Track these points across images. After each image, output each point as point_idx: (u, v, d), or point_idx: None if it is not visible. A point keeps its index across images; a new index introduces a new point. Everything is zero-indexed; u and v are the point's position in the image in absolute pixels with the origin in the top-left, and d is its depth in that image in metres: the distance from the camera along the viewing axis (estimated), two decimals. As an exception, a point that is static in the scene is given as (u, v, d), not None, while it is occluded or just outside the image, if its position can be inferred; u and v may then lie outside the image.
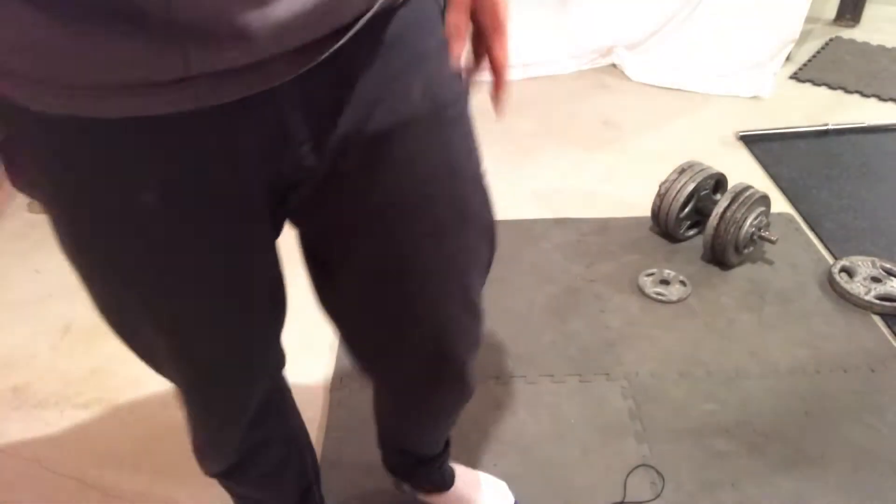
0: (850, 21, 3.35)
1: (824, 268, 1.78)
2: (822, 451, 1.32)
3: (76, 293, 1.88)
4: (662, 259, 1.83)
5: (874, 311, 1.64)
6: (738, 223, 1.70)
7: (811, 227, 1.94)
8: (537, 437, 1.36)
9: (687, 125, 2.49)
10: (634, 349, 1.55)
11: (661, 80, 2.77)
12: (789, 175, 2.17)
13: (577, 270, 1.79)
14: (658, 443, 1.34)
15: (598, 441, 1.34)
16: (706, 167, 1.85)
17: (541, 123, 2.52)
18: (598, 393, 1.44)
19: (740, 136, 2.38)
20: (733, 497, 1.24)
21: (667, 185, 1.84)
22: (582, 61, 2.92)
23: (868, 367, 1.50)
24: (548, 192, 2.12)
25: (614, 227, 1.95)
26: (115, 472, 1.30)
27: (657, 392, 1.44)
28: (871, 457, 1.31)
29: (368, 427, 1.38)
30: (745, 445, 1.33)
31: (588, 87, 2.78)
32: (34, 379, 1.50)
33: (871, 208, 2.01)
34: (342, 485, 1.27)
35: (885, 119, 2.46)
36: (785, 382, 1.47)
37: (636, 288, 1.72)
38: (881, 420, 1.38)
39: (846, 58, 2.99)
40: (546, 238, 1.91)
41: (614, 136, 2.43)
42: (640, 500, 1.24)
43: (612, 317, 1.64)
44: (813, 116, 2.51)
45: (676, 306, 1.67)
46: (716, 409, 1.41)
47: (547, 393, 1.45)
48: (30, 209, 2.09)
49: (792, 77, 2.81)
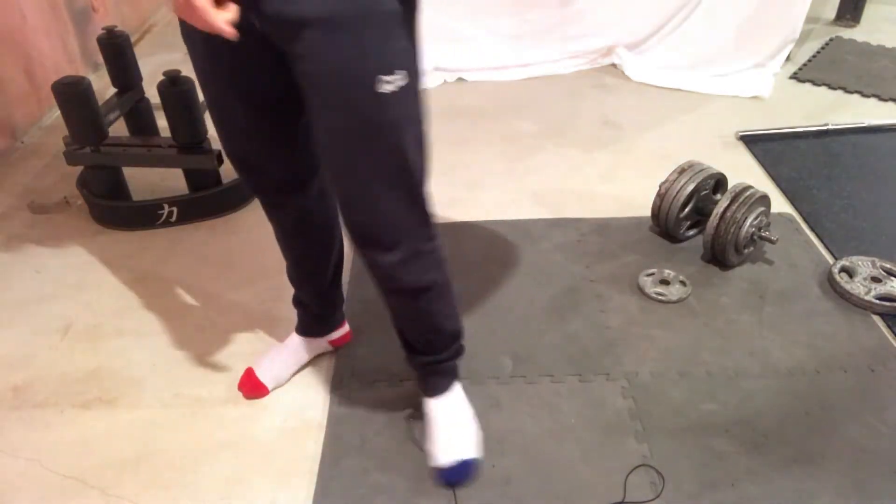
0: (850, 21, 3.35)
1: (824, 268, 1.78)
2: (822, 451, 1.32)
3: (76, 293, 1.89)
4: (662, 259, 1.83)
5: (874, 311, 1.64)
6: (738, 223, 1.70)
7: (811, 227, 1.94)
8: (537, 437, 1.35)
9: (687, 125, 2.49)
10: (634, 349, 1.55)
11: (661, 80, 2.77)
12: (789, 175, 2.17)
13: (577, 270, 1.79)
14: (658, 443, 1.34)
15: (598, 441, 1.34)
16: (706, 167, 1.85)
17: (541, 123, 2.52)
18: (598, 393, 1.44)
19: (740, 136, 2.38)
20: (733, 497, 1.24)
21: (667, 185, 1.84)
22: (582, 61, 2.92)
23: (868, 367, 1.50)
24: (548, 192, 2.12)
25: (614, 227, 1.95)
26: (115, 472, 1.30)
27: (657, 392, 1.44)
28: (871, 457, 1.31)
29: (369, 426, 1.38)
30: (745, 445, 1.33)
31: (588, 87, 2.78)
32: (34, 379, 1.50)
33: (871, 208, 2.01)
34: (344, 483, 1.27)
35: (885, 119, 2.46)
36: (785, 382, 1.47)
37: (636, 288, 1.72)
38: (881, 420, 1.38)
39: (846, 58, 2.99)
40: (546, 238, 1.91)
41: (614, 136, 2.43)
42: (640, 500, 1.24)
43: (612, 317, 1.64)
44: (813, 116, 2.51)
45: (676, 306, 1.67)
46: (716, 409, 1.41)
47: (547, 393, 1.45)
48: (30, 209, 2.09)
49: (792, 77, 2.81)
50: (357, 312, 1.64)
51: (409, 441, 1.35)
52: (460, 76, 2.85)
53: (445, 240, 1.91)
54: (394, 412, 1.40)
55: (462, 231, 1.93)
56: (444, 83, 2.82)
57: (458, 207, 2.05)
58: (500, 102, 2.69)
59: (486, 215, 2.00)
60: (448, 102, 2.67)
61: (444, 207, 2.05)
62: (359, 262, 1.80)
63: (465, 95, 2.74)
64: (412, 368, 1.33)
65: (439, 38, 2.75)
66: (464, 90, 2.79)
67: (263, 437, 1.37)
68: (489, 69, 2.85)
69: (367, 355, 1.52)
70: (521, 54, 2.86)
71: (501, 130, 2.49)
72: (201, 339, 1.60)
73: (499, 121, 2.55)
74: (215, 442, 1.36)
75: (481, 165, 2.27)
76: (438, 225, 1.16)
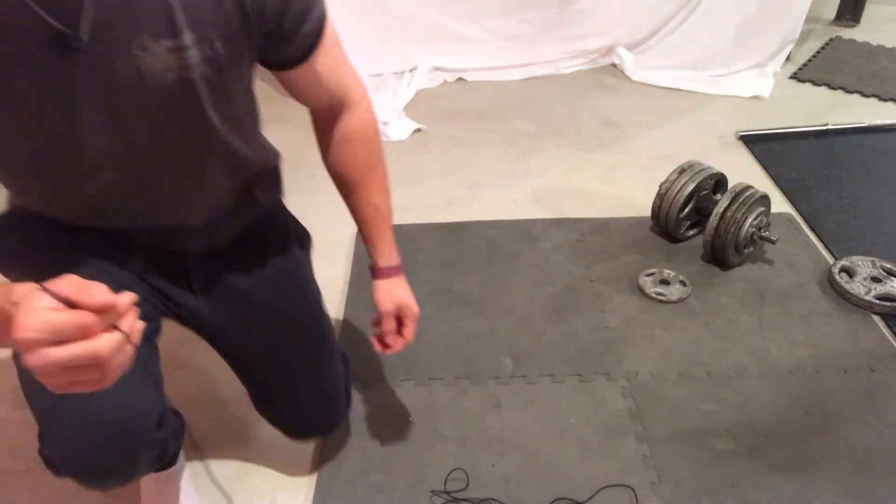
0: (850, 21, 3.35)
1: (824, 268, 1.78)
2: (822, 451, 1.32)
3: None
4: (662, 259, 1.83)
5: (874, 311, 1.64)
6: (738, 223, 1.70)
7: (811, 227, 1.94)
8: (537, 437, 1.36)
9: (687, 125, 2.49)
10: (634, 349, 1.55)
11: (661, 80, 2.77)
12: (789, 175, 2.17)
13: (577, 270, 1.79)
14: (658, 443, 1.34)
15: (598, 441, 1.34)
16: (706, 167, 1.85)
17: (541, 123, 2.52)
18: (598, 393, 1.44)
19: (740, 136, 2.38)
20: (733, 497, 1.24)
21: (667, 185, 1.84)
22: (582, 61, 2.92)
23: (868, 367, 1.50)
24: (548, 192, 2.12)
25: (614, 227, 1.95)
26: (115, 472, 1.30)
27: (657, 392, 1.44)
28: (871, 457, 1.31)
29: (369, 426, 1.38)
30: (745, 445, 1.33)
31: (588, 87, 2.78)
32: (34, 379, 1.50)
33: (871, 208, 2.01)
34: (344, 483, 1.27)
35: (885, 119, 2.45)
36: (785, 382, 1.46)
37: (636, 288, 1.72)
38: (881, 420, 1.38)
39: (846, 58, 2.99)
40: (546, 238, 1.91)
41: (614, 136, 2.43)
42: (640, 499, 1.24)
43: (612, 317, 1.64)
44: (813, 116, 2.51)
45: (676, 306, 1.67)
46: (716, 409, 1.41)
47: (547, 393, 1.45)
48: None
49: (792, 77, 2.81)
50: (357, 313, 1.65)
51: (409, 441, 1.35)
52: (460, 76, 2.85)
53: (446, 239, 1.92)
54: (394, 412, 1.41)
55: (462, 231, 1.93)
56: (444, 83, 2.82)
57: (458, 207, 2.05)
58: (500, 102, 2.69)
59: (486, 215, 2.00)
60: (448, 102, 2.67)
61: (444, 207, 2.05)
62: (360, 263, 1.80)
63: (465, 95, 2.74)
64: None
65: (439, 38, 2.75)
66: (464, 90, 2.79)
67: (263, 437, 1.37)
68: (489, 69, 2.85)
69: (367, 355, 1.52)
70: (521, 54, 2.85)
71: (501, 130, 2.48)
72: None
73: (499, 121, 2.55)
74: (215, 443, 1.36)
75: (481, 165, 2.27)
76: (439, 225, 1.17)
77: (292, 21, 0.87)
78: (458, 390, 1.45)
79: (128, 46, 0.75)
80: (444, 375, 1.49)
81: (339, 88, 1.03)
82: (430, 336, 1.58)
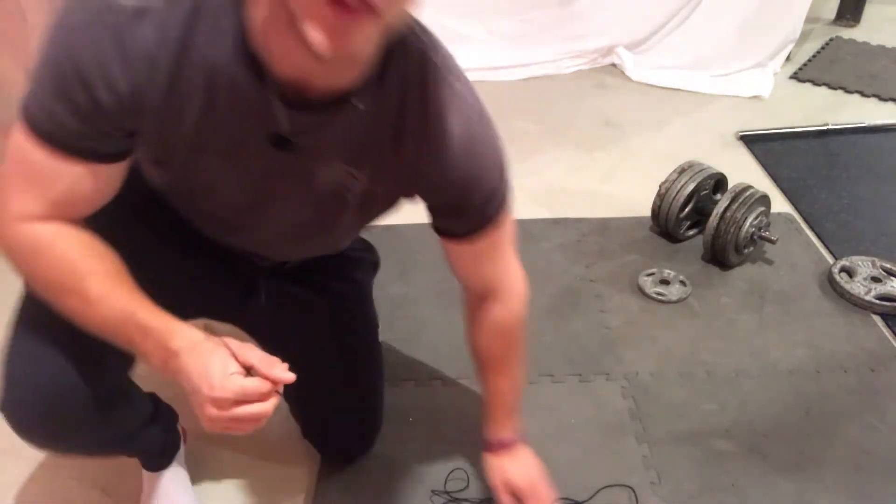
0: (850, 21, 3.35)
1: (824, 268, 1.78)
2: (822, 452, 1.32)
3: (76, 293, 1.86)
4: (662, 259, 1.83)
5: (874, 311, 1.64)
6: (738, 223, 1.70)
7: (811, 227, 1.94)
8: (537, 437, 1.35)
9: (687, 125, 2.49)
10: (634, 349, 1.55)
11: (661, 80, 2.77)
12: (789, 175, 2.17)
13: (577, 270, 1.79)
14: (658, 443, 1.34)
15: (598, 441, 1.34)
16: (706, 167, 1.85)
17: (541, 123, 2.52)
18: (598, 393, 1.44)
19: (740, 136, 2.38)
20: (733, 497, 1.24)
21: (667, 185, 1.84)
22: (582, 61, 2.92)
23: (868, 367, 1.49)
24: (548, 192, 2.12)
25: (614, 227, 1.95)
26: (116, 473, 1.30)
27: (657, 392, 1.44)
28: (871, 457, 1.31)
29: (368, 427, 1.37)
30: (745, 445, 1.33)
31: (588, 87, 2.78)
32: (34, 379, 1.50)
33: (871, 208, 2.01)
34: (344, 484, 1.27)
35: (885, 119, 2.46)
36: (785, 382, 1.46)
37: (636, 288, 1.72)
38: (881, 420, 1.38)
39: (846, 58, 2.99)
40: (546, 238, 1.91)
41: (614, 136, 2.43)
42: (639, 500, 1.24)
43: (612, 317, 1.64)
44: (813, 116, 2.51)
45: (676, 306, 1.67)
46: (716, 409, 1.41)
47: (547, 393, 1.45)
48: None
49: (792, 77, 2.81)
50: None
51: (409, 441, 1.35)
52: (460, 76, 2.85)
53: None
54: (394, 412, 1.40)
55: (462, 231, 1.93)
56: (444, 83, 2.82)
57: (458, 207, 2.05)
58: (500, 102, 2.67)
59: (486, 215, 2.00)
60: (448, 102, 2.67)
61: (444, 207, 2.04)
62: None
63: (465, 95, 2.73)
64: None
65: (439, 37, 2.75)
66: (464, 90, 2.79)
67: (263, 436, 1.37)
68: (489, 69, 2.85)
69: (367, 355, 1.52)
70: (521, 54, 2.85)
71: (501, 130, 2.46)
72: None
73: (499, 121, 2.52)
74: (215, 442, 1.36)
75: (481, 165, 2.27)
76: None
77: (468, 202, 0.95)
78: (459, 390, 1.45)
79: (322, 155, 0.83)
80: (444, 375, 1.49)
81: (494, 277, 1.03)
82: (430, 336, 1.58)
